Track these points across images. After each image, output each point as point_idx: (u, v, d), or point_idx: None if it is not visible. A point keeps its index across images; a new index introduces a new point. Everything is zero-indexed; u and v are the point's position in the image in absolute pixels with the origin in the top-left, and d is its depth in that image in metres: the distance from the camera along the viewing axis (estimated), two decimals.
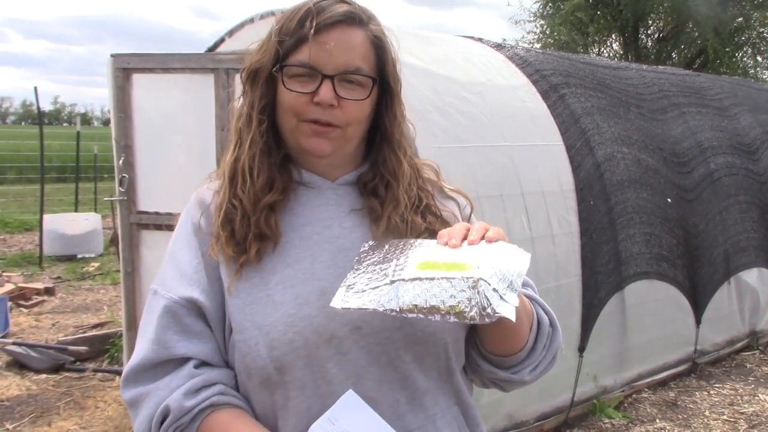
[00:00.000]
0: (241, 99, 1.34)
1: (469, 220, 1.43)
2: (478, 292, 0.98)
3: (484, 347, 1.32)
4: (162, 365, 1.24)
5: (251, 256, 1.25)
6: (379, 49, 1.29)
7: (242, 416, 1.24)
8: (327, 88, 1.23)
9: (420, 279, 1.02)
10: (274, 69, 1.26)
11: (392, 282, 1.04)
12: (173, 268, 1.30)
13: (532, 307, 1.32)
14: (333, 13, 1.23)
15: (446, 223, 1.35)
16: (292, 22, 1.24)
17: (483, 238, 1.14)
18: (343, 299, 1.07)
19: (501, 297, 1.00)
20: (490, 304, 0.98)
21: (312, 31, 1.22)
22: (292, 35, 1.24)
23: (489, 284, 1.00)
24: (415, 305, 1.00)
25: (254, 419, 1.25)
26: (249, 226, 1.27)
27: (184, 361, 1.25)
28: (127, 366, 1.27)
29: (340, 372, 1.22)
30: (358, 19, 1.26)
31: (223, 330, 1.28)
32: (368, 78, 1.27)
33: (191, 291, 1.26)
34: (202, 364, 1.26)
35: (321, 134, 1.26)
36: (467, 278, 1.00)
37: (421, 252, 1.12)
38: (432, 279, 1.02)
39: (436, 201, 1.40)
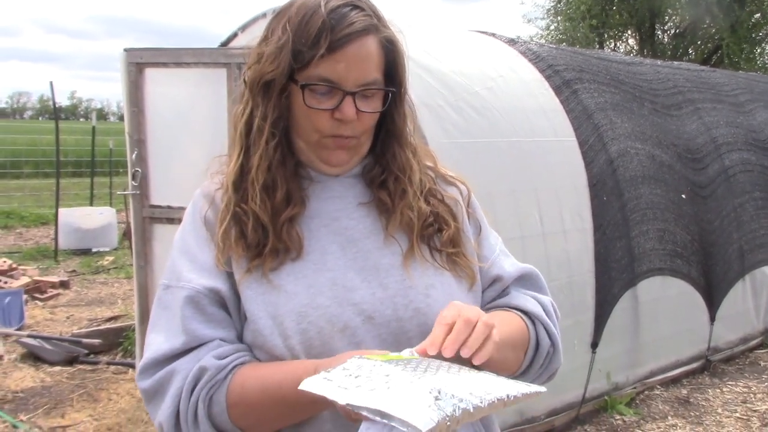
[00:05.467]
0: (245, 104, 1.30)
1: (469, 204, 1.44)
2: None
3: None
4: (186, 351, 1.23)
5: (266, 268, 1.24)
6: (391, 52, 1.28)
7: (267, 362, 1.23)
8: (349, 104, 1.23)
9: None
10: (296, 84, 1.23)
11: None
12: (188, 261, 1.28)
13: (531, 331, 1.34)
14: (352, 29, 1.20)
15: (448, 207, 1.38)
16: (307, 34, 1.20)
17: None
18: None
19: None
20: None
21: (330, 46, 1.19)
22: (308, 49, 1.20)
23: None
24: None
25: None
26: (266, 236, 1.25)
27: (206, 343, 1.24)
28: (145, 358, 1.24)
29: None
30: (373, 27, 1.24)
31: (239, 319, 1.27)
32: (384, 89, 1.28)
33: (213, 281, 1.25)
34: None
35: (341, 146, 1.28)
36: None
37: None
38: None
39: (439, 185, 1.42)
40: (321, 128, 1.25)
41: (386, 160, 1.35)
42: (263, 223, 1.26)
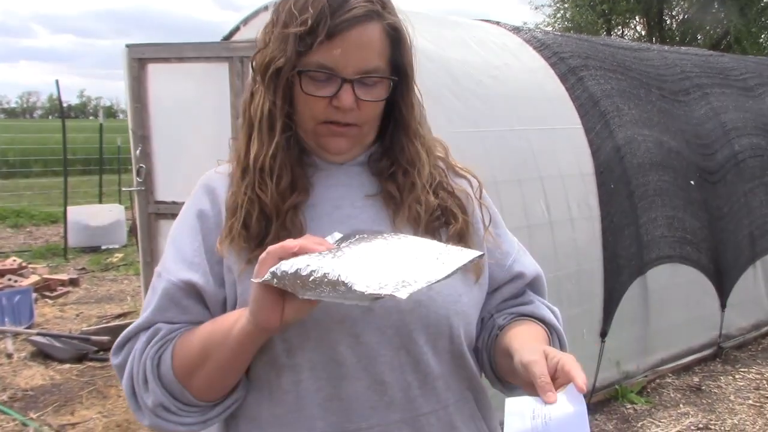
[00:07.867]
0: (253, 91, 1.28)
1: (480, 197, 1.41)
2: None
3: (496, 367, 1.35)
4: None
5: None
6: (395, 40, 1.25)
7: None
8: (347, 93, 1.20)
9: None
10: (293, 71, 1.21)
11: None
12: (174, 251, 1.29)
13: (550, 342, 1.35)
14: (351, 15, 1.18)
15: (458, 199, 1.35)
16: (307, 18, 1.18)
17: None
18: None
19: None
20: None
21: (329, 32, 1.17)
22: (308, 34, 1.18)
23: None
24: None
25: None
26: (269, 224, 1.24)
27: None
28: (118, 338, 1.28)
29: (352, 354, 1.20)
30: (375, 14, 1.21)
31: (221, 310, 1.26)
32: (386, 78, 1.25)
33: (190, 274, 1.25)
34: None
35: (339, 134, 1.26)
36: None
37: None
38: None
39: (449, 178, 1.38)
40: (316, 114, 1.23)
41: (395, 153, 1.33)
42: (267, 212, 1.24)
